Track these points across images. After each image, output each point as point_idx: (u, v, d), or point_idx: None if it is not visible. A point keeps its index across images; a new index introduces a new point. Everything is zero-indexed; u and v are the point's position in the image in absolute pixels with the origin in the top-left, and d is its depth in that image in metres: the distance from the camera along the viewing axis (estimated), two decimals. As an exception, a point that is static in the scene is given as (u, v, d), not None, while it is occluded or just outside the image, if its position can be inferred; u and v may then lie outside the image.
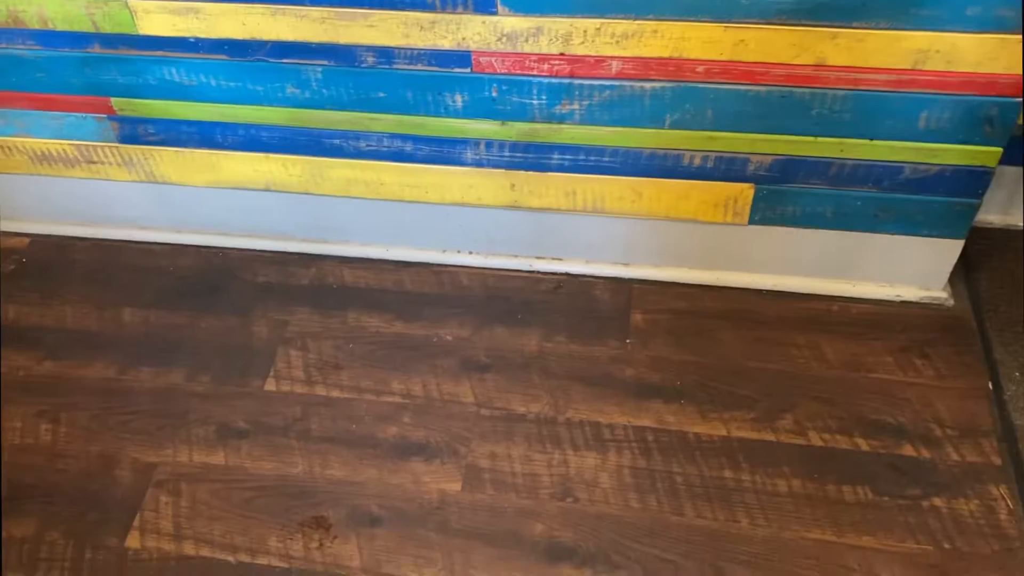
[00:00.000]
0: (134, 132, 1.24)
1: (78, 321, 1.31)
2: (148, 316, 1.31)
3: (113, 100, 1.20)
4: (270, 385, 1.21)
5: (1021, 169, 1.25)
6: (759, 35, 0.99)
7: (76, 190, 1.35)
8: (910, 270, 1.22)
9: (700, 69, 1.03)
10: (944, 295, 1.24)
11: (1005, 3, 0.92)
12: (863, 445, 1.11)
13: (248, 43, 1.10)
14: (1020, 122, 1.09)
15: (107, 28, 1.11)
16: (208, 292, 1.33)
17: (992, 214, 1.32)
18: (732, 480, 1.08)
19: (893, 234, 1.18)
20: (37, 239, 1.43)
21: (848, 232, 1.19)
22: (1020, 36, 0.94)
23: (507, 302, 1.29)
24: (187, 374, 1.23)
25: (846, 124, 1.06)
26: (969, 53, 0.97)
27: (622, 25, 1.01)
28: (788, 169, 1.12)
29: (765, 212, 1.18)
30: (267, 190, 1.28)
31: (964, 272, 1.27)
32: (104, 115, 1.22)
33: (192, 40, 1.11)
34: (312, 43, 1.09)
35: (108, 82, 1.18)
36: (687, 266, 1.29)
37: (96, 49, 1.14)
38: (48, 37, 1.13)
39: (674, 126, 1.10)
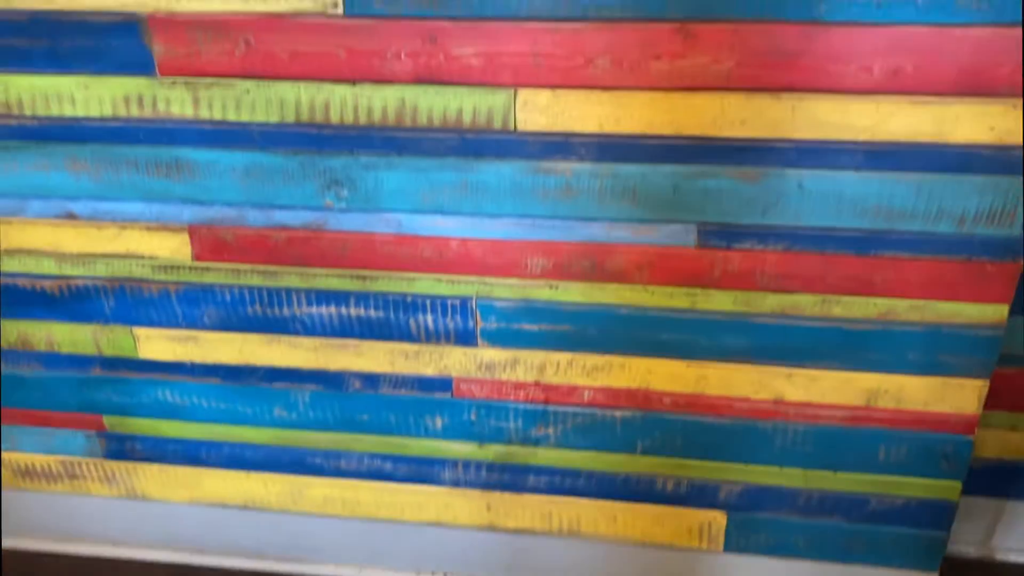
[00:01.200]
0: (121, 448, 1.26)
1: (34, 644, 1.26)
2: (108, 639, 1.26)
3: (105, 418, 1.24)
4: None
5: (992, 500, 1.28)
6: (719, 372, 1.06)
7: (54, 505, 1.35)
8: (889, 603, 1.21)
9: (666, 400, 1.09)
10: (927, 630, 1.21)
11: (944, 349, 1.00)
12: None
13: (242, 368, 1.16)
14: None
15: (109, 352, 1.18)
16: (173, 614, 1.29)
17: (968, 545, 1.32)
18: None
19: (866, 565, 1.17)
20: (8, 553, 1.40)
21: (822, 562, 1.18)
22: (963, 379, 1.01)
23: (481, 629, 1.25)
24: None
25: (808, 456, 1.10)
26: (917, 393, 1.03)
27: (592, 359, 1.08)
28: (758, 497, 1.14)
29: (739, 539, 1.19)
30: (245, 508, 1.29)
31: (945, 605, 1.25)
32: (94, 431, 1.26)
33: (188, 364, 1.17)
34: (303, 369, 1.15)
35: (103, 401, 1.22)
36: (665, 593, 1.27)
37: (96, 371, 1.20)
38: (52, 359, 1.20)
39: (645, 452, 1.14)
